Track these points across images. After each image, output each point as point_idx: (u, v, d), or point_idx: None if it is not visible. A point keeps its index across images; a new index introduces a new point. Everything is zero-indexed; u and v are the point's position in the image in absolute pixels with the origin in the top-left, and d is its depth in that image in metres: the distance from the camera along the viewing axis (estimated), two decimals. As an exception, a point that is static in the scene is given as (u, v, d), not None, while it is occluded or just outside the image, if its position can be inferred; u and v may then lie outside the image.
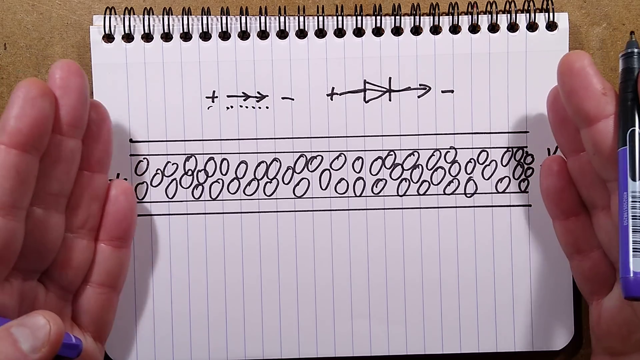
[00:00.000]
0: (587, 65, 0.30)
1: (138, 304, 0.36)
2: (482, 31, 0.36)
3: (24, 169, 0.28)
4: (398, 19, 0.36)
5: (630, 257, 0.27)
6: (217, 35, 0.36)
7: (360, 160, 0.36)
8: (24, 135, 0.28)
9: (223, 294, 0.36)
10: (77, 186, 0.32)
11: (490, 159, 0.36)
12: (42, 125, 0.29)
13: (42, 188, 0.30)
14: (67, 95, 0.30)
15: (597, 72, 0.30)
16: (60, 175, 0.31)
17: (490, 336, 0.36)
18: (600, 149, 0.30)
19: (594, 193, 0.32)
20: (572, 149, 0.33)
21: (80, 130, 0.31)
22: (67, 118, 0.30)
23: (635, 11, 0.37)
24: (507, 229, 0.36)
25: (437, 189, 0.36)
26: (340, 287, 0.36)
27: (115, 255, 0.33)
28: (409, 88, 0.36)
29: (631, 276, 0.26)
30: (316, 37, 0.36)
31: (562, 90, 0.31)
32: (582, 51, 0.31)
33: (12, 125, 0.28)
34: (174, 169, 0.36)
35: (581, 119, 0.31)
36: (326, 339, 0.36)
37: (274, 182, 0.36)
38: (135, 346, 0.36)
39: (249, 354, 0.36)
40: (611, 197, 0.31)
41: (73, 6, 0.37)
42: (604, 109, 0.30)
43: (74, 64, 0.31)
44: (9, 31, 0.37)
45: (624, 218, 0.27)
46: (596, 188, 0.32)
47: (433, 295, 0.36)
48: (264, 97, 0.36)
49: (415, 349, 0.36)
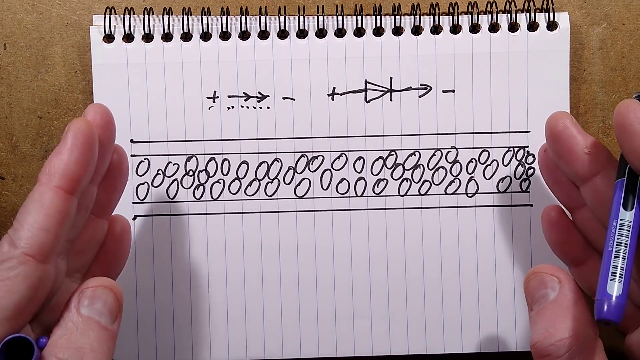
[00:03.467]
0: (568, 126, 0.30)
1: (139, 303, 0.36)
2: (483, 31, 0.36)
3: (71, 214, 0.27)
4: (398, 19, 0.36)
5: (607, 281, 0.27)
6: (217, 35, 0.36)
7: (361, 160, 0.36)
8: (79, 180, 0.27)
9: (224, 294, 0.36)
10: (84, 231, 0.31)
11: (491, 159, 0.36)
12: (90, 171, 0.28)
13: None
14: (103, 143, 0.29)
15: (579, 131, 0.30)
16: (78, 222, 0.30)
17: (492, 336, 0.36)
18: (599, 203, 0.30)
19: (601, 241, 0.32)
20: (572, 205, 0.32)
21: (101, 177, 0.30)
22: (98, 165, 0.29)
23: (635, 11, 0.37)
24: (508, 229, 0.36)
25: (439, 188, 0.36)
26: (341, 287, 0.36)
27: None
28: (410, 88, 0.36)
29: (613, 299, 0.27)
30: (317, 37, 0.36)
31: (551, 153, 0.31)
32: (563, 112, 0.31)
33: (72, 171, 0.27)
34: (175, 170, 0.36)
35: (575, 179, 0.31)
36: (327, 339, 0.36)
37: (275, 182, 0.36)
38: (136, 347, 0.36)
39: (250, 354, 0.36)
40: None
41: (73, 6, 0.37)
42: (592, 168, 0.30)
43: (107, 109, 0.30)
44: (9, 31, 0.37)
45: (610, 244, 0.28)
46: (603, 236, 0.31)
47: (434, 295, 0.36)
48: (264, 97, 0.36)
49: (417, 349, 0.36)
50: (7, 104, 0.37)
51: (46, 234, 0.26)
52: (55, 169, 0.27)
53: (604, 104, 0.37)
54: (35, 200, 0.26)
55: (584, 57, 0.37)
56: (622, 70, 0.37)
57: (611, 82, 0.37)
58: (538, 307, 0.29)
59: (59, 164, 0.27)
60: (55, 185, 0.26)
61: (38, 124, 0.37)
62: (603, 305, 0.27)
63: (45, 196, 0.26)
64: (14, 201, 0.37)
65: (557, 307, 0.28)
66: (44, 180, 0.26)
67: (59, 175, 0.26)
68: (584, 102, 0.37)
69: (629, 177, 0.29)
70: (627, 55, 0.37)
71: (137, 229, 0.36)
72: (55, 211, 0.26)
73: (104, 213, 0.32)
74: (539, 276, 0.30)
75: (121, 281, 0.35)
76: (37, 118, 0.37)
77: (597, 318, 0.27)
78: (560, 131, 0.30)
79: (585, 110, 0.37)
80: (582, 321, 0.28)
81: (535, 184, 0.36)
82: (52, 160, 0.27)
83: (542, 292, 0.29)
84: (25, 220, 0.26)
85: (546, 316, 0.28)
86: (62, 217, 0.26)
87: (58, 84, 0.37)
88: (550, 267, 0.30)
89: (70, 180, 0.27)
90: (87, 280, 0.28)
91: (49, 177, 0.26)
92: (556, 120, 0.31)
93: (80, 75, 0.37)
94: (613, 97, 0.37)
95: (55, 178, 0.26)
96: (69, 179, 0.27)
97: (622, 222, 0.28)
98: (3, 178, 0.37)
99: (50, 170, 0.27)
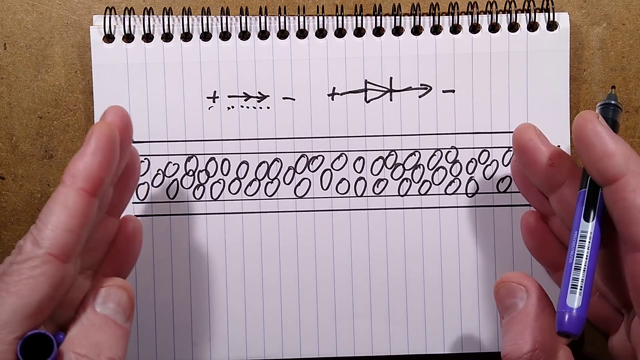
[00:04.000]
0: (532, 138, 0.31)
1: (139, 303, 0.36)
2: (483, 31, 0.36)
3: (93, 215, 0.28)
4: (398, 19, 0.36)
5: (567, 293, 0.27)
6: (217, 35, 0.36)
7: (361, 160, 0.36)
8: (101, 183, 0.27)
9: (224, 294, 0.36)
10: (96, 229, 0.31)
11: (491, 159, 0.36)
12: (112, 174, 0.28)
13: None
14: (122, 145, 0.29)
15: (544, 142, 0.30)
16: (95, 221, 0.30)
17: (492, 336, 0.36)
18: (566, 212, 0.30)
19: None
20: (546, 213, 0.33)
21: (117, 177, 0.31)
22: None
23: (635, 11, 0.37)
24: (508, 229, 0.36)
25: (438, 188, 0.36)
26: (341, 287, 0.36)
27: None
28: (410, 88, 0.36)
29: (573, 312, 0.27)
30: (317, 37, 0.36)
31: (519, 164, 0.32)
32: (527, 124, 0.31)
33: (95, 173, 0.27)
34: (175, 170, 0.36)
35: (542, 189, 0.31)
36: (327, 339, 0.36)
37: (275, 182, 0.36)
38: (136, 347, 0.36)
39: (250, 354, 0.36)
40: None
41: (73, 6, 0.37)
42: (556, 179, 0.30)
43: (126, 112, 0.30)
44: (9, 31, 0.37)
45: (570, 256, 0.28)
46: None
47: (434, 295, 0.36)
48: (264, 97, 0.36)
49: (417, 349, 0.36)
50: (7, 104, 0.37)
51: (70, 235, 0.26)
52: (79, 171, 0.27)
53: (604, 104, 0.37)
54: (59, 202, 0.26)
55: (584, 57, 0.37)
56: (622, 70, 0.37)
57: (611, 82, 0.37)
58: (507, 317, 0.30)
59: (83, 166, 0.27)
60: (80, 187, 0.27)
61: (38, 124, 0.37)
62: (563, 318, 0.27)
63: (70, 198, 0.26)
64: (14, 201, 0.37)
65: (524, 318, 0.29)
66: (68, 181, 0.27)
67: (82, 177, 0.27)
68: (584, 102, 0.37)
69: (590, 188, 0.28)
70: (627, 55, 0.37)
71: (137, 229, 0.36)
72: (79, 213, 0.26)
73: (116, 212, 0.32)
74: (507, 285, 0.30)
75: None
76: (37, 118, 0.37)
77: (557, 330, 0.27)
78: (525, 143, 0.31)
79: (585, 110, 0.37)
80: (549, 331, 0.28)
81: (535, 184, 0.36)
82: (76, 163, 0.27)
83: (511, 302, 0.30)
84: (49, 220, 0.26)
85: (514, 327, 0.29)
86: (85, 218, 0.27)
87: (58, 84, 0.37)
88: (518, 275, 0.30)
89: (94, 182, 0.27)
90: (101, 280, 0.29)
91: (73, 179, 0.27)
92: (521, 132, 0.31)
93: (80, 75, 0.37)
94: (613, 97, 0.37)
95: (79, 180, 0.27)
96: (92, 181, 0.27)
97: (582, 233, 0.28)
98: (3, 178, 0.37)
99: (74, 172, 0.27)
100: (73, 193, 0.27)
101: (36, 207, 0.37)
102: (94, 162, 0.27)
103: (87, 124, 0.37)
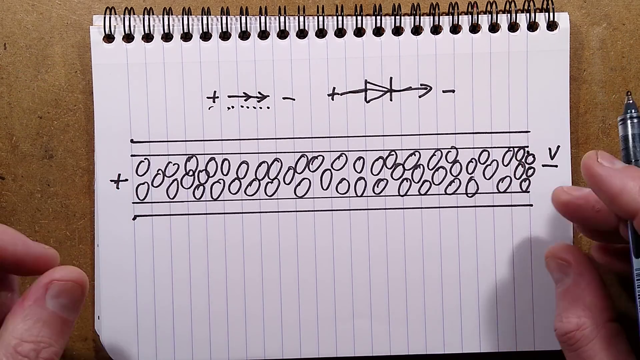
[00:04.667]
0: (568, 199, 0.31)
1: (139, 304, 0.36)
2: (483, 31, 0.36)
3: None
4: (398, 19, 0.36)
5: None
6: (217, 35, 0.36)
7: (361, 160, 0.36)
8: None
9: (224, 294, 0.36)
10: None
11: (491, 159, 0.36)
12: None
13: None
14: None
15: (580, 195, 0.31)
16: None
17: (492, 336, 0.36)
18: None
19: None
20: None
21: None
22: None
23: (635, 11, 0.37)
24: (508, 229, 0.36)
25: (438, 189, 0.36)
26: (341, 287, 0.36)
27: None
28: (410, 88, 0.36)
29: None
30: (316, 37, 0.36)
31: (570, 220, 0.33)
32: (559, 188, 0.31)
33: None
34: (175, 169, 0.36)
35: (611, 225, 0.31)
36: (327, 339, 0.36)
37: (275, 182, 0.36)
38: (136, 346, 0.36)
39: (250, 353, 0.36)
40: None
41: (73, 6, 0.37)
42: (607, 222, 0.30)
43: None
44: (9, 31, 0.37)
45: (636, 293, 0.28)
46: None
47: (434, 296, 0.36)
48: (264, 97, 0.36)
49: (417, 349, 0.36)
50: (7, 104, 0.37)
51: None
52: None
53: (604, 104, 0.37)
54: None
55: (584, 57, 0.37)
56: (622, 70, 0.37)
57: (611, 82, 0.37)
58: (558, 290, 0.32)
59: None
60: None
61: (38, 124, 0.37)
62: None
63: None
64: (14, 201, 0.37)
65: (569, 294, 0.30)
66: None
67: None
68: (584, 102, 0.37)
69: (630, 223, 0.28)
70: (627, 55, 0.37)
71: (137, 229, 0.36)
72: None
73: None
74: (553, 261, 0.32)
75: (121, 281, 0.36)
76: (37, 118, 0.37)
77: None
78: (564, 207, 0.31)
79: (585, 110, 0.37)
80: (594, 307, 0.30)
81: (535, 184, 0.36)
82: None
83: (558, 276, 0.32)
84: None
85: (562, 302, 0.31)
86: None
87: (58, 84, 0.37)
88: (561, 248, 0.31)
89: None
90: (52, 270, 0.28)
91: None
92: (557, 196, 0.31)
93: (80, 75, 0.37)
94: (613, 97, 0.37)
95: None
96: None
97: (637, 271, 0.28)
98: (3, 178, 0.37)
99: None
100: None
101: (36, 207, 0.37)
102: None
103: (87, 124, 0.37)
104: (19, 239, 0.28)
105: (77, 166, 0.37)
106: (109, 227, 0.36)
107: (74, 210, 0.37)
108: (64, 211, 0.37)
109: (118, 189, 0.36)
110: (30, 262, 0.28)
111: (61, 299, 0.28)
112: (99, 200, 0.36)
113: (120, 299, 0.36)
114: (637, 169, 0.28)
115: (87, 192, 0.37)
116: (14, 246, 0.28)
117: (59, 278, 0.28)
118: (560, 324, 0.30)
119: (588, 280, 0.30)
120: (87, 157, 0.37)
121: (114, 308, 0.36)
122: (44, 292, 0.27)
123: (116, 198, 0.36)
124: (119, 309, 0.36)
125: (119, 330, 0.36)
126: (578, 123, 0.37)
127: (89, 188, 0.37)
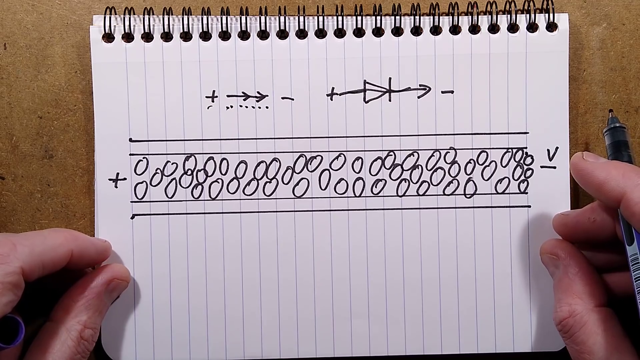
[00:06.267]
0: (564, 222, 0.34)
1: (137, 303, 0.36)
2: (482, 32, 0.36)
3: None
4: (398, 19, 0.36)
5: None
6: (217, 35, 0.36)
7: (359, 160, 0.36)
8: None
9: (222, 294, 0.36)
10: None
11: (489, 160, 0.36)
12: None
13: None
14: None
15: (577, 214, 0.33)
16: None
17: (489, 337, 0.36)
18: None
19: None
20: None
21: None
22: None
23: (635, 11, 0.37)
24: (506, 230, 0.36)
25: (437, 189, 0.36)
26: (339, 288, 0.36)
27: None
28: (409, 88, 0.36)
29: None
30: (316, 37, 0.36)
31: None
32: (557, 215, 0.34)
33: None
34: (173, 169, 0.36)
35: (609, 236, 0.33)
36: (325, 339, 0.36)
37: (273, 182, 0.36)
38: (134, 346, 0.36)
39: (247, 353, 0.36)
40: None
41: (73, 6, 0.37)
42: (604, 229, 0.32)
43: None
44: (9, 31, 0.37)
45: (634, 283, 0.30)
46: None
47: (432, 296, 0.36)
48: (263, 97, 0.36)
49: (415, 350, 0.36)
50: (7, 104, 0.37)
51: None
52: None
53: (604, 104, 0.37)
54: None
55: (584, 57, 0.37)
56: (622, 70, 0.37)
57: (611, 82, 0.37)
58: (553, 282, 0.34)
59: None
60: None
61: (38, 124, 0.37)
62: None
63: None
64: (14, 201, 0.37)
65: (561, 285, 0.32)
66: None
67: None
68: (584, 102, 0.37)
69: (621, 215, 0.31)
70: (627, 55, 0.37)
71: (135, 228, 0.36)
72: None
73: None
74: (545, 256, 0.34)
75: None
76: (37, 118, 0.37)
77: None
78: (561, 229, 0.34)
79: (585, 110, 0.37)
80: (583, 295, 0.31)
81: (534, 186, 0.36)
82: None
83: (551, 270, 0.34)
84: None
85: (556, 293, 0.33)
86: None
87: (58, 84, 0.37)
88: (551, 244, 0.34)
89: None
90: (111, 268, 0.34)
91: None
92: (557, 219, 0.34)
93: (80, 75, 0.37)
94: (613, 97, 0.37)
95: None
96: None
97: (633, 257, 0.30)
98: (3, 178, 0.37)
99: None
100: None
101: (36, 207, 0.37)
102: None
103: (87, 124, 0.37)
104: (92, 245, 0.34)
105: (77, 166, 0.37)
106: (108, 226, 0.36)
107: (74, 210, 0.37)
108: (64, 211, 0.37)
109: (117, 187, 0.36)
110: (99, 260, 0.35)
111: (114, 293, 0.35)
112: (98, 199, 0.36)
113: (119, 298, 0.36)
114: (619, 162, 0.31)
115: (87, 192, 0.37)
116: (89, 252, 0.34)
117: (119, 278, 0.34)
118: (555, 313, 0.32)
119: (576, 270, 0.32)
120: (87, 157, 0.37)
121: (112, 307, 0.36)
122: (105, 288, 0.34)
123: (115, 197, 0.36)
124: (117, 308, 0.36)
125: (117, 330, 0.36)
126: (578, 123, 0.37)
127: (88, 188, 0.37)
